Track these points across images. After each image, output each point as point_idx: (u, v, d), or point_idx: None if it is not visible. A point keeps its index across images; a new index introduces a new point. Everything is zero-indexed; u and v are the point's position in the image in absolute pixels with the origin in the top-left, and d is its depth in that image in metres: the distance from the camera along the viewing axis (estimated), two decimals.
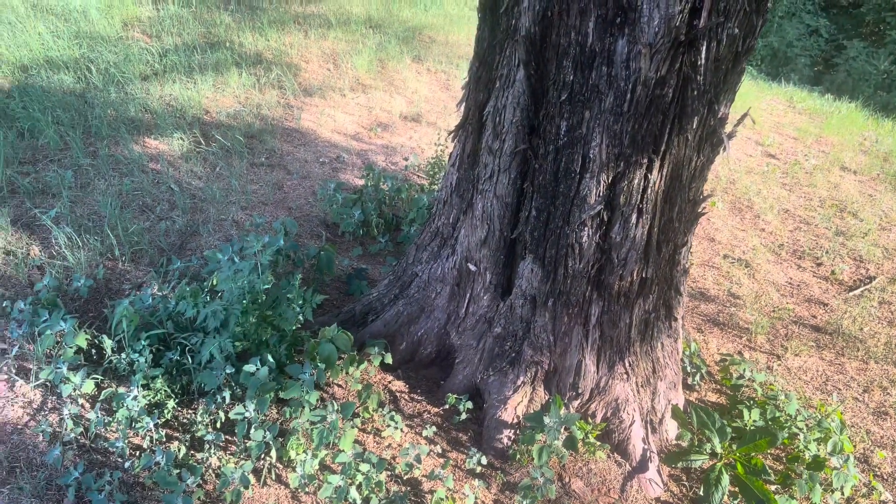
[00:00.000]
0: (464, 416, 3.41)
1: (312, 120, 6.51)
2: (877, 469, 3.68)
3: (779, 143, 8.18)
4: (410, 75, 7.91)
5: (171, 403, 3.16)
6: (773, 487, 3.36)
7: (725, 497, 3.18)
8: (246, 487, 2.78)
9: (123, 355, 3.30)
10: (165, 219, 4.60)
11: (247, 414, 2.98)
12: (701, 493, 3.21)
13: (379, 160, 6.12)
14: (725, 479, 3.14)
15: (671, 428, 3.58)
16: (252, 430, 2.97)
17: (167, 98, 6.11)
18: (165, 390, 3.21)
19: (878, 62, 14.14)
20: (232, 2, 8.43)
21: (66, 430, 3.00)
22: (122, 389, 3.21)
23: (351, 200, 5.02)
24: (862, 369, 4.39)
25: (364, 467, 2.91)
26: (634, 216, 2.91)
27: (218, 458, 3.03)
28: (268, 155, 5.74)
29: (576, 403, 3.39)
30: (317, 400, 3.13)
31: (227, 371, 3.16)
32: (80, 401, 3.19)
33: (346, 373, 3.43)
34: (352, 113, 6.88)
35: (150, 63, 6.57)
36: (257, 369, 3.10)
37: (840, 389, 4.19)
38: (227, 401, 3.15)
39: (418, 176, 5.96)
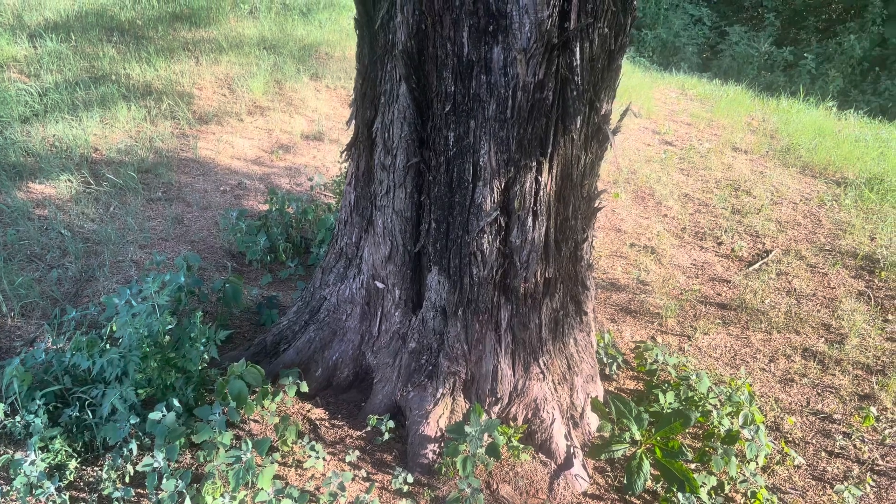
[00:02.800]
0: (387, 436, 3.37)
1: (210, 148, 6.33)
2: (788, 435, 3.85)
3: (674, 130, 8.51)
4: (309, 94, 7.81)
5: (72, 463, 2.98)
6: (692, 466, 3.47)
7: (648, 482, 3.26)
8: None
9: (18, 418, 3.10)
10: (57, 266, 4.36)
11: (156, 464, 2.84)
12: (625, 481, 3.27)
13: (283, 183, 6.00)
14: (646, 465, 3.21)
15: (593, 421, 3.64)
16: (164, 481, 2.83)
17: (51, 139, 5.81)
18: (66, 450, 3.03)
19: (759, 45, 14.95)
20: (115, 33, 8.11)
21: None
22: (18, 455, 3.01)
23: (255, 227, 4.90)
24: (766, 340, 4.60)
25: (286, 503, 2.82)
26: (530, 219, 2.94)
27: None
28: (164, 189, 5.53)
29: (496, 409, 3.40)
30: (231, 439, 3.02)
31: (132, 421, 3.01)
32: None
33: (262, 407, 3.33)
34: (251, 137, 6.73)
35: (29, 104, 6.23)
36: (163, 416, 2.96)
37: (748, 362, 4.37)
38: (135, 452, 2.99)
39: (325, 195, 5.88)
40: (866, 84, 14.62)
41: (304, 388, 3.42)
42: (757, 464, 3.47)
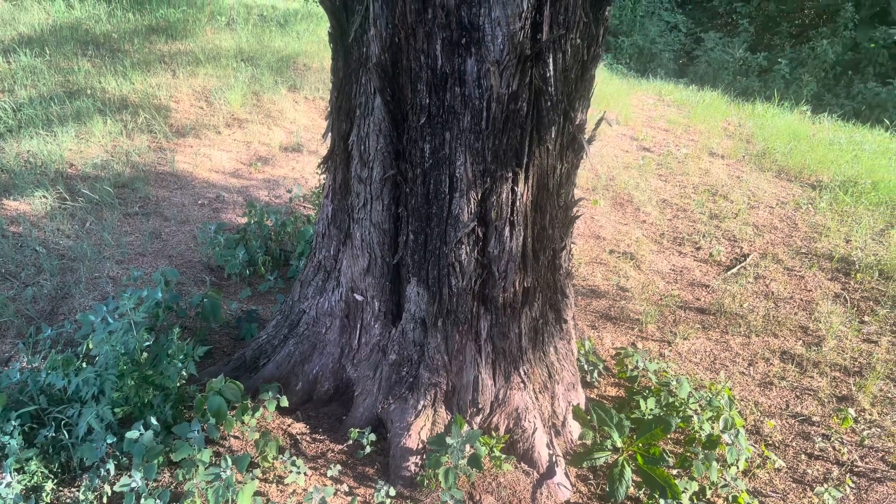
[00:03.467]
0: (368, 449, 3.35)
1: (187, 161, 6.29)
2: (768, 438, 3.87)
3: (652, 136, 8.58)
4: (287, 105, 7.79)
5: (49, 485, 2.94)
6: (674, 472, 3.48)
7: (630, 489, 3.27)
8: None
9: None
10: (32, 284, 4.30)
11: (133, 484, 2.80)
12: (608, 489, 3.28)
13: (261, 195, 5.97)
14: (628, 472, 3.22)
15: (574, 429, 3.65)
16: (142, 501, 2.80)
17: (25, 155, 5.74)
18: (42, 471, 2.98)
19: (734, 50, 15.15)
20: (90, 46, 8.04)
21: None
22: None
23: (234, 241, 4.87)
24: (745, 344, 4.64)
25: None
26: (507, 229, 2.95)
27: None
28: (142, 203, 5.48)
29: (478, 419, 3.39)
30: (210, 457, 2.99)
31: (109, 441, 2.97)
32: None
33: (242, 423, 3.30)
34: (229, 150, 6.70)
35: (2, 119, 6.16)
36: (141, 434, 2.92)
37: (727, 366, 4.40)
38: (113, 472, 2.95)
39: (304, 207, 5.86)
40: (840, 88, 14.86)
41: (285, 402, 3.40)
42: (738, 468, 3.49)
